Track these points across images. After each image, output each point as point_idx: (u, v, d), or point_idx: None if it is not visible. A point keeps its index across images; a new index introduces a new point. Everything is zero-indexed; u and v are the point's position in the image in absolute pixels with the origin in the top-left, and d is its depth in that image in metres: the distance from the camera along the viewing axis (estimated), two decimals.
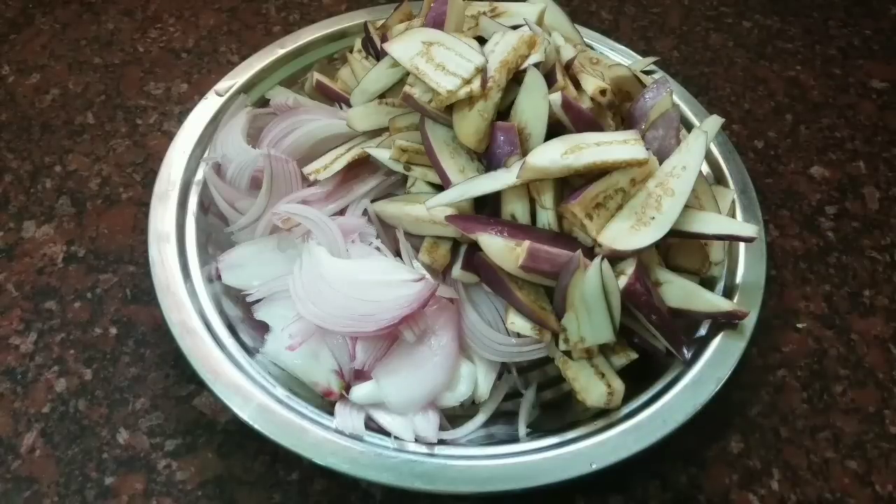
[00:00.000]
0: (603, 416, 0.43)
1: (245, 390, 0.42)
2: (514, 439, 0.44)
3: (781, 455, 0.50)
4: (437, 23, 0.49)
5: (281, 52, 0.59)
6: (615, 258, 0.42)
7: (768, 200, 0.64)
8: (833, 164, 0.67)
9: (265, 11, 0.74)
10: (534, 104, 0.44)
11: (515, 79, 0.46)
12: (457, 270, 0.45)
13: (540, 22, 0.50)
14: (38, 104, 0.64)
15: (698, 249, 0.48)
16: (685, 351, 0.45)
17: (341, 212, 0.49)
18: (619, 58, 0.60)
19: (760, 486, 0.48)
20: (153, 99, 0.65)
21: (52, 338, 0.50)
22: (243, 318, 0.47)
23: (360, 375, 0.44)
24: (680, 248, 0.48)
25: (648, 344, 0.46)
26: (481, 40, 0.48)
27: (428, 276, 0.44)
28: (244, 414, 0.41)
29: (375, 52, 0.56)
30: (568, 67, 0.48)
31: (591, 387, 0.43)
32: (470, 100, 0.44)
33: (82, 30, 0.70)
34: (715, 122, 0.48)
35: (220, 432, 0.47)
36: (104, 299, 0.52)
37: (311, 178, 0.49)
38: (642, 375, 0.45)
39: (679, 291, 0.45)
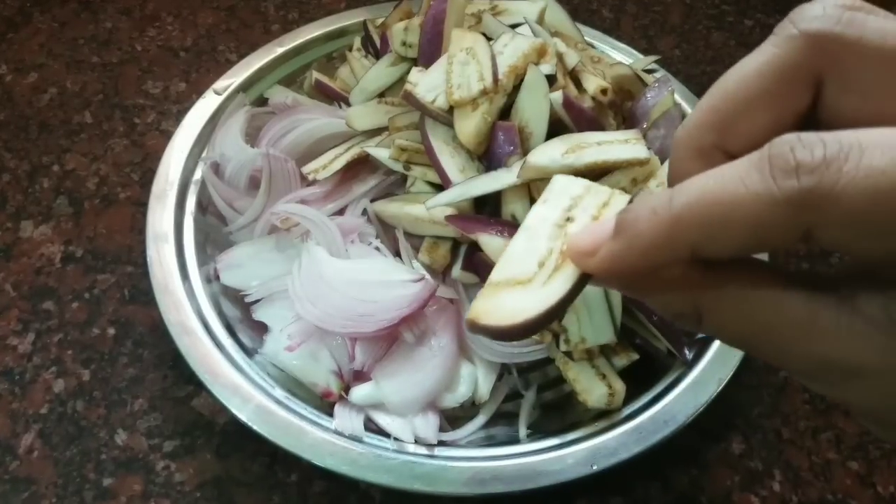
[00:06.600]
0: (604, 417, 0.43)
1: (244, 391, 0.41)
2: (515, 440, 0.44)
3: (783, 456, 0.49)
4: (437, 20, 0.48)
5: (280, 50, 0.58)
6: None
7: None
8: None
9: (264, 10, 0.73)
10: (535, 103, 0.44)
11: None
12: (457, 270, 0.45)
13: (541, 20, 0.50)
14: (36, 103, 0.63)
15: None
16: (686, 352, 0.45)
17: (340, 211, 0.49)
18: (621, 56, 0.60)
19: (762, 488, 0.48)
20: (151, 98, 0.65)
21: (50, 338, 0.50)
22: (242, 318, 0.47)
23: (360, 376, 0.44)
24: None
25: (650, 345, 0.45)
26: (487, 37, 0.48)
27: (428, 276, 0.44)
28: (243, 415, 0.41)
29: (375, 51, 0.56)
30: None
31: (592, 388, 0.43)
32: (473, 101, 0.44)
33: (80, 29, 0.70)
34: None
35: (218, 433, 0.47)
36: (102, 300, 0.52)
37: (310, 177, 0.49)
38: (643, 376, 0.45)
39: None
